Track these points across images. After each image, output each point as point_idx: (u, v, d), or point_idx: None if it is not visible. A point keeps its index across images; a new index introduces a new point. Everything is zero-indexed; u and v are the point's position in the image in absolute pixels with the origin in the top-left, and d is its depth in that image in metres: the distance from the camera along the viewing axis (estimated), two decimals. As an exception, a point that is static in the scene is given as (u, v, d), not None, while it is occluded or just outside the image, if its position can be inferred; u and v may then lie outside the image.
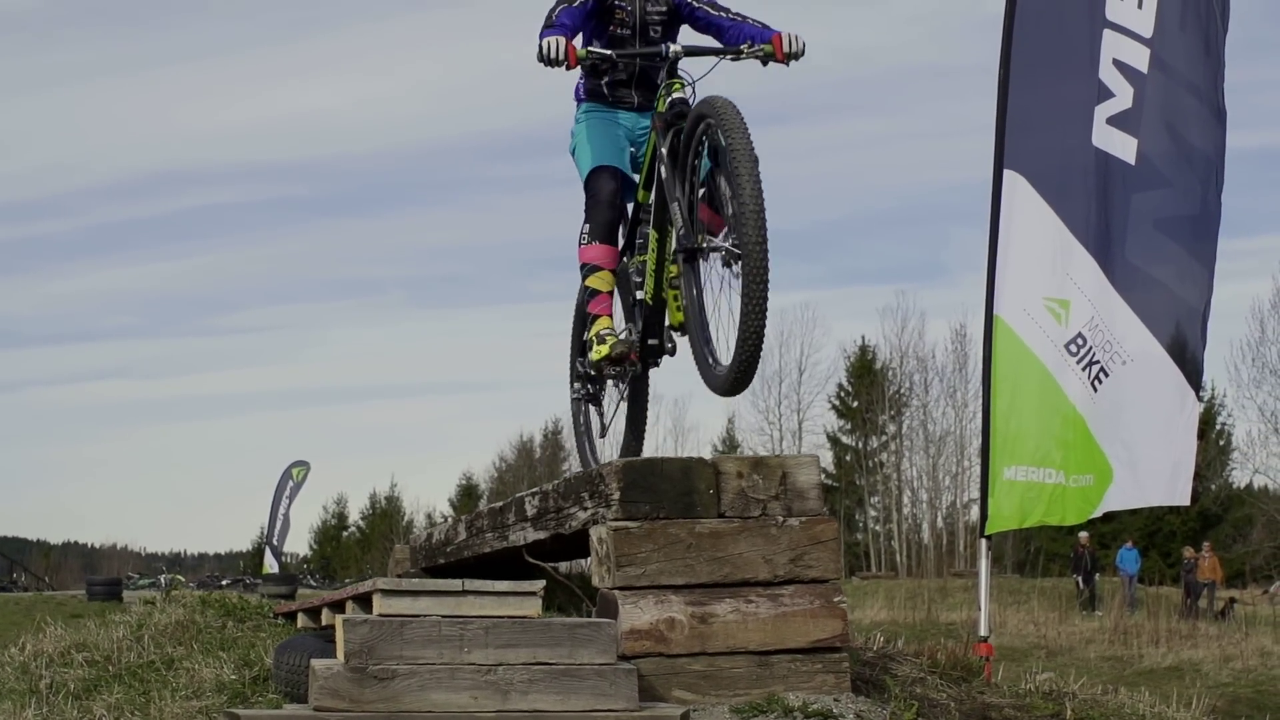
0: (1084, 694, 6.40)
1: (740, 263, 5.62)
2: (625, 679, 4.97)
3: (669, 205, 6.19)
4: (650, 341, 6.69)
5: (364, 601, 5.33)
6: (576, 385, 7.51)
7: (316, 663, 4.85)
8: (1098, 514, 8.10)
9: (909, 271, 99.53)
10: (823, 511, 5.62)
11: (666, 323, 6.61)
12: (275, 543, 47.87)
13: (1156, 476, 8.03)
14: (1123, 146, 8.21)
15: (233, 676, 6.13)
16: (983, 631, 7.71)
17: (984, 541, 7.91)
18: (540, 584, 5.17)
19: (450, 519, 7.84)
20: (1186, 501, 8.08)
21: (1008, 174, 8.00)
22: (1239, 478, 58.88)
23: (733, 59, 6.56)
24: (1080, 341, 7.93)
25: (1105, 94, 8.19)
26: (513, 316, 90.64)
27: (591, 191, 6.84)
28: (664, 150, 6.28)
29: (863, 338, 65.92)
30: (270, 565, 46.12)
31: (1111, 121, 8.17)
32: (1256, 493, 57.56)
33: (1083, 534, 37.83)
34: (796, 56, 6.57)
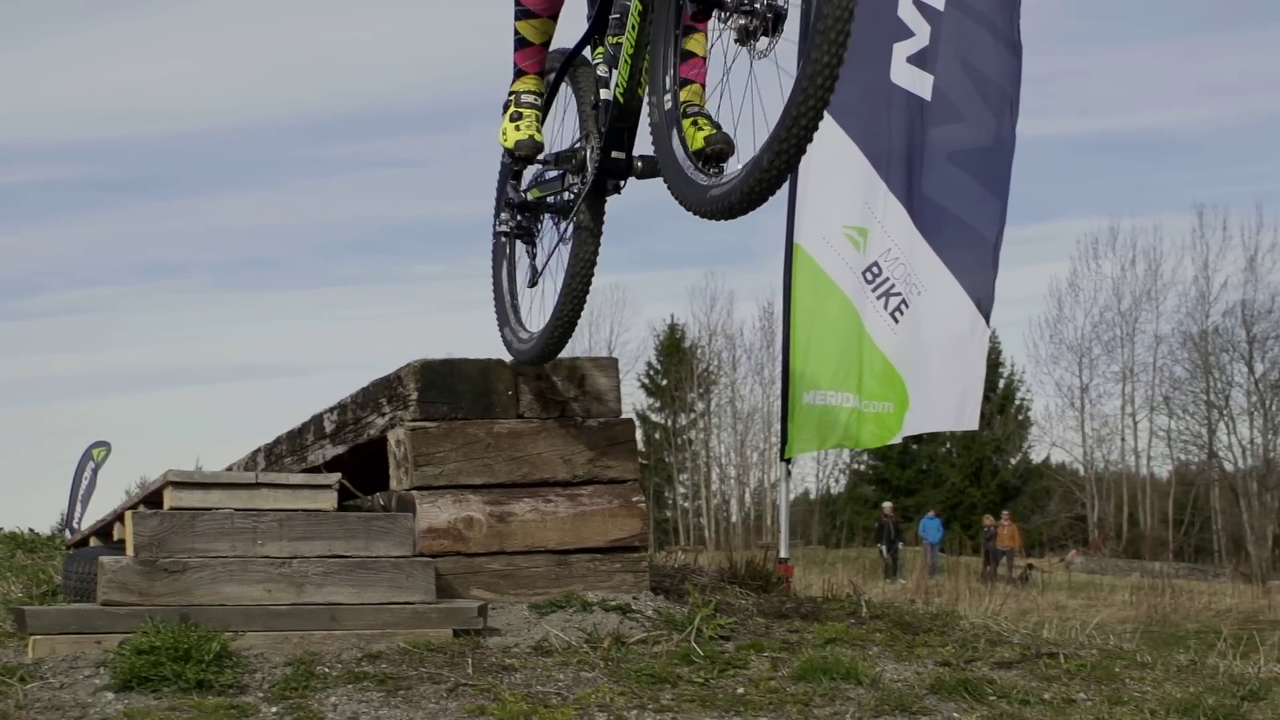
0: (879, 600, 6.51)
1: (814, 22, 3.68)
2: (422, 571, 4.94)
3: None
4: (614, 155, 5.00)
5: (159, 505, 5.22)
6: (504, 215, 5.75)
7: (105, 559, 4.74)
8: (897, 440, 8.26)
9: (718, 255, 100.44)
10: (621, 413, 5.64)
11: (689, 148, 4.35)
12: (75, 525, 46.73)
13: (947, 403, 8.21)
14: (920, 83, 8.35)
15: (20, 595, 5.98)
16: (783, 553, 7.81)
17: (784, 465, 8.01)
18: (335, 476, 5.11)
19: (250, 452, 7.63)
20: (975, 426, 8.26)
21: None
22: (1037, 452, 60.42)
23: None
24: (876, 270, 8.06)
25: (904, 32, 8.32)
26: (320, 300, 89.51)
27: None
28: None
29: (672, 316, 66.36)
30: (70, 547, 45.00)
31: (911, 60, 8.31)
32: (1054, 466, 59.14)
33: (887, 504, 38.58)
34: None
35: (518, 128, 5.30)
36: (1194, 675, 5.09)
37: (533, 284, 5.66)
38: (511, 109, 5.38)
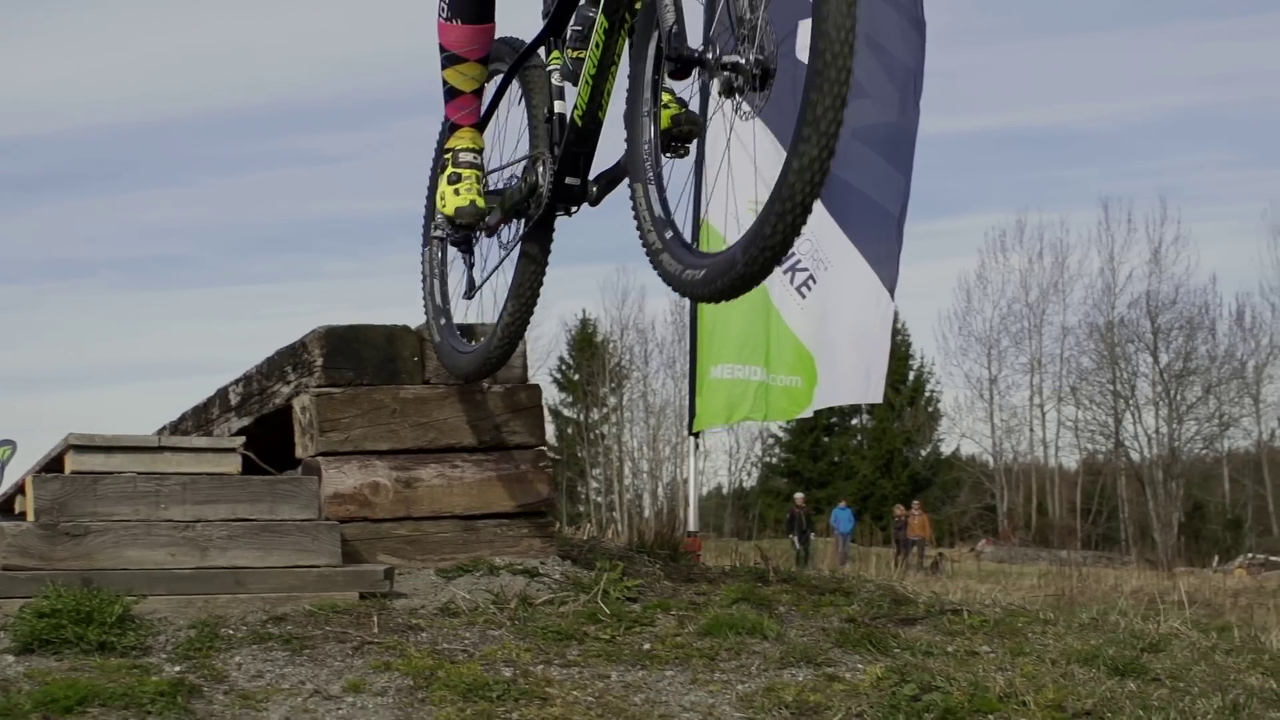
0: (786, 568, 6.55)
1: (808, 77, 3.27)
2: (328, 534, 4.92)
3: None
4: (569, 181, 4.57)
5: (61, 470, 5.17)
6: (439, 219, 5.14)
7: (5, 524, 4.69)
8: (807, 414, 8.33)
9: (630, 250, 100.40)
10: (527, 379, 5.64)
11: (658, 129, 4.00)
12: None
13: (853, 377, 8.29)
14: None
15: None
16: (692, 526, 7.85)
17: (692, 439, 8.05)
18: (239, 440, 5.08)
19: (156, 431, 7.54)
20: (879, 399, 8.35)
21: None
22: (947, 444, 60.98)
23: None
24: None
25: (809, 10, 8.36)
26: (230, 298, 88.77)
27: None
28: None
29: (584, 311, 66.36)
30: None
31: (814, 36, 8.36)
32: (964, 458, 59.70)
33: (799, 495, 38.80)
34: None
35: (457, 192, 4.88)
36: (1095, 631, 5.16)
37: (469, 296, 5.26)
38: (449, 169, 4.95)
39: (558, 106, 4.64)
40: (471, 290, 5.24)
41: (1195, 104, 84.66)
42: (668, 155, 4.06)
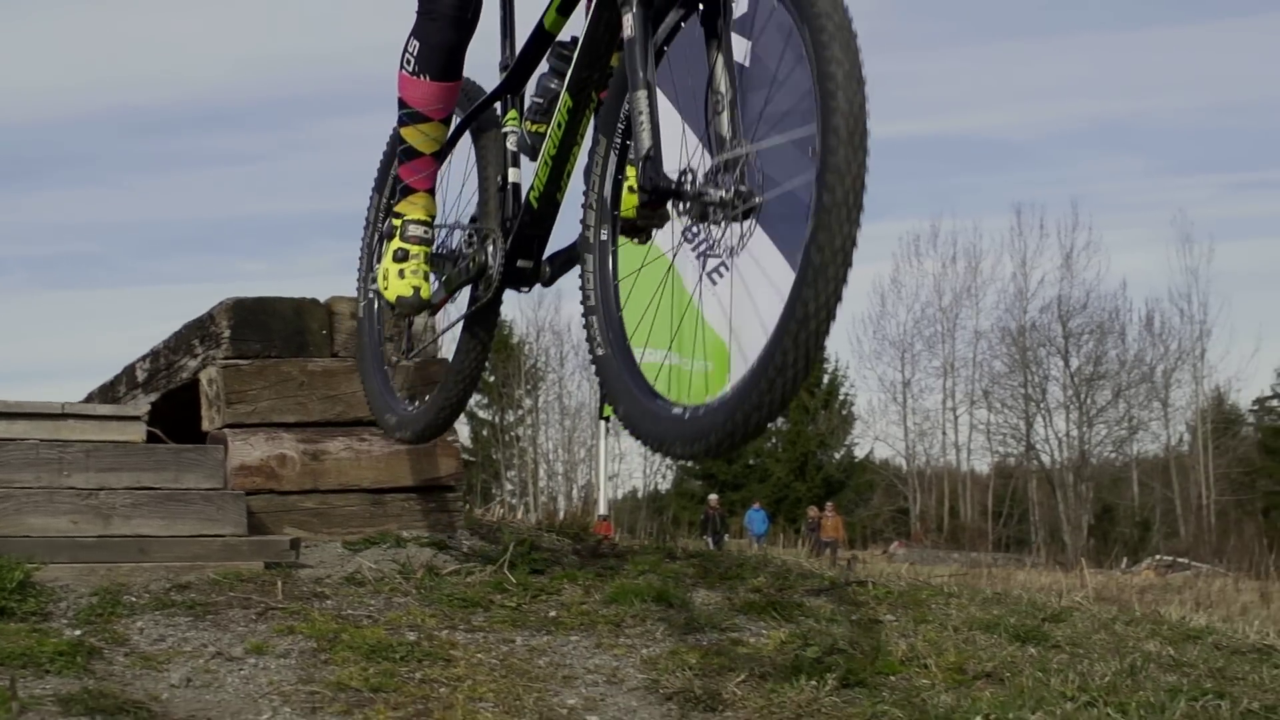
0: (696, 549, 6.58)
1: (817, 199, 2.94)
2: (233, 504, 4.90)
3: (632, 56, 3.43)
4: (520, 264, 4.19)
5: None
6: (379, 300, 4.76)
7: (-96, 491, 4.64)
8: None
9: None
10: (439, 354, 5.64)
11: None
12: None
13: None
14: (739, 50, 8.44)
15: None
16: (602, 510, 7.87)
17: (602, 423, 8.07)
18: (144, 408, 5.05)
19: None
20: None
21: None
22: (861, 447, 61.38)
23: None
24: (696, 231, 8.13)
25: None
26: (143, 298, 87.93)
27: None
28: None
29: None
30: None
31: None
32: (877, 461, 60.11)
33: (713, 496, 38.91)
34: None
35: (401, 274, 4.35)
36: (998, 604, 5.22)
37: (410, 353, 5.05)
38: (395, 243, 4.40)
39: (512, 175, 4.26)
40: (412, 347, 5.07)
41: (1108, 113, 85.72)
42: (631, 240, 3.84)
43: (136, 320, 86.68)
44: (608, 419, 8.06)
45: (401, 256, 4.36)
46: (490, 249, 4.20)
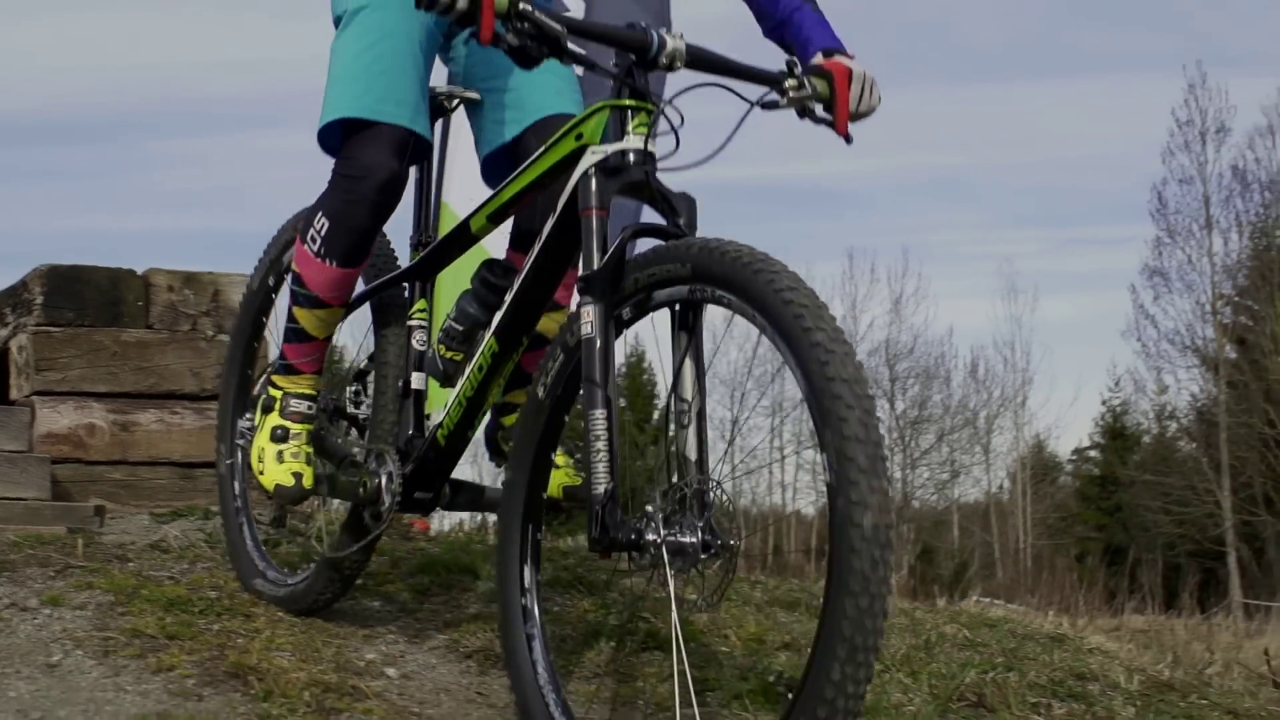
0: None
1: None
2: (37, 468, 4.84)
3: (590, 363, 2.91)
4: (417, 495, 3.61)
5: None
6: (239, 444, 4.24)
7: None
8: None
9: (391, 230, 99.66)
10: (257, 329, 5.61)
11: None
12: None
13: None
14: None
15: None
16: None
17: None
18: (-52, 367, 4.96)
19: None
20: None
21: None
22: (689, 483, 61.60)
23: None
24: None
25: (559, 6, 8.48)
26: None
27: (344, 166, 3.56)
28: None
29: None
30: None
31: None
32: (704, 498, 60.37)
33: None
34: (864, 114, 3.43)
35: (280, 457, 3.73)
36: (804, 591, 5.31)
37: (278, 524, 4.43)
38: (274, 419, 3.79)
39: (415, 381, 3.71)
40: (282, 519, 4.45)
41: (940, 165, 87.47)
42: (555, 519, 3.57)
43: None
44: (428, 417, 8.04)
45: (280, 435, 3.75)
46: (384, 476, 3.58)
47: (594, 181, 3.02)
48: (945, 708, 3.84)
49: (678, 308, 2.89)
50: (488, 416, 3.77)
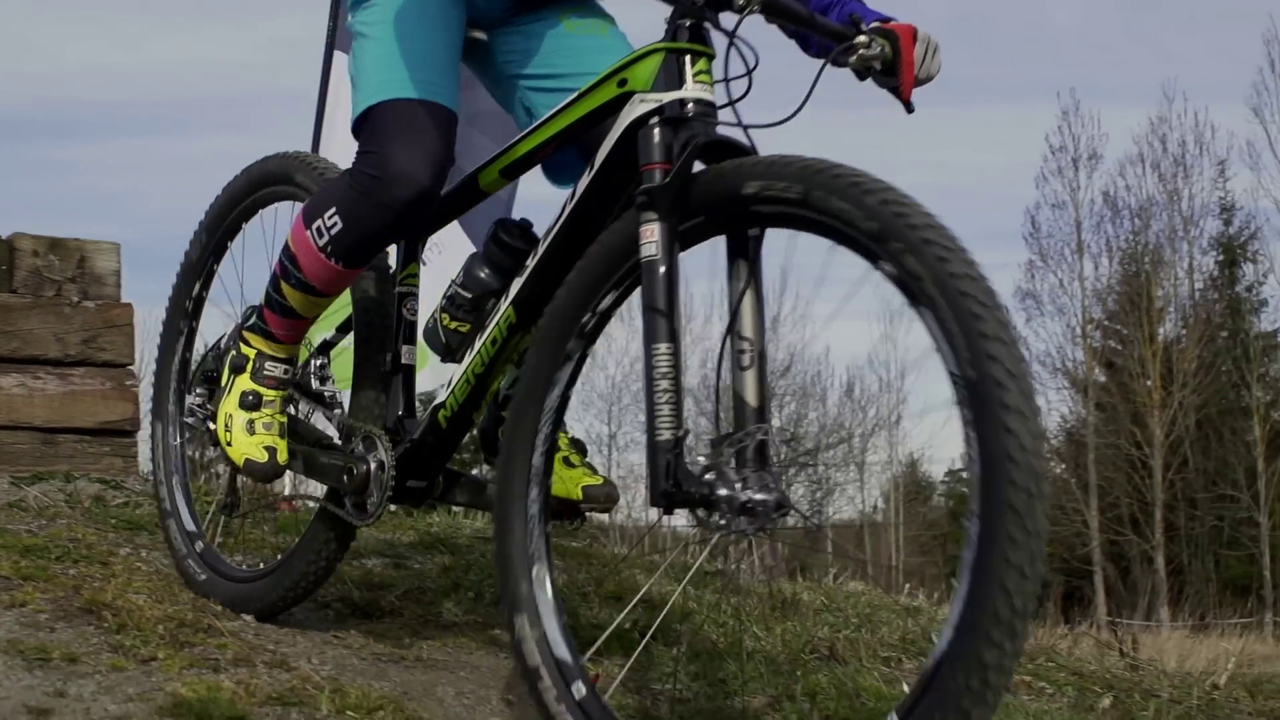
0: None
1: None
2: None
3: (652, 289, 2.60)
4: (411, 484, 3.22)
5: None
6: (199, 391, 3.72)
7: None
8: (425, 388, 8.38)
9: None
10: (121, 298, 5.59)
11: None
12: None
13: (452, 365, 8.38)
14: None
15: None
16: (288, 491, 7.83)
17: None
18: None
19: None
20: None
21: (338, 54, 8.17)
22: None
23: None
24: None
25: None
26: None
27: (374, 164, 3.09)
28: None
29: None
30: None
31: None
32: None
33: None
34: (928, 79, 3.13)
35: (250, 428, 3.36)
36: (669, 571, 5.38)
37: (230, 512, 3.82)
38: (244, 381, 3.40)
39: (405, 355, 3.31)
40: (236, 503, 3.82)
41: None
42: (566, 523, 3.29)
43: None
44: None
45: (252, 403, 3.36)
46: (372, 461, 3.22)
47: (656, 134, 2.65)
48: (797, 658, 3.91)
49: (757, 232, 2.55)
50: (485, 413, 3.46)
